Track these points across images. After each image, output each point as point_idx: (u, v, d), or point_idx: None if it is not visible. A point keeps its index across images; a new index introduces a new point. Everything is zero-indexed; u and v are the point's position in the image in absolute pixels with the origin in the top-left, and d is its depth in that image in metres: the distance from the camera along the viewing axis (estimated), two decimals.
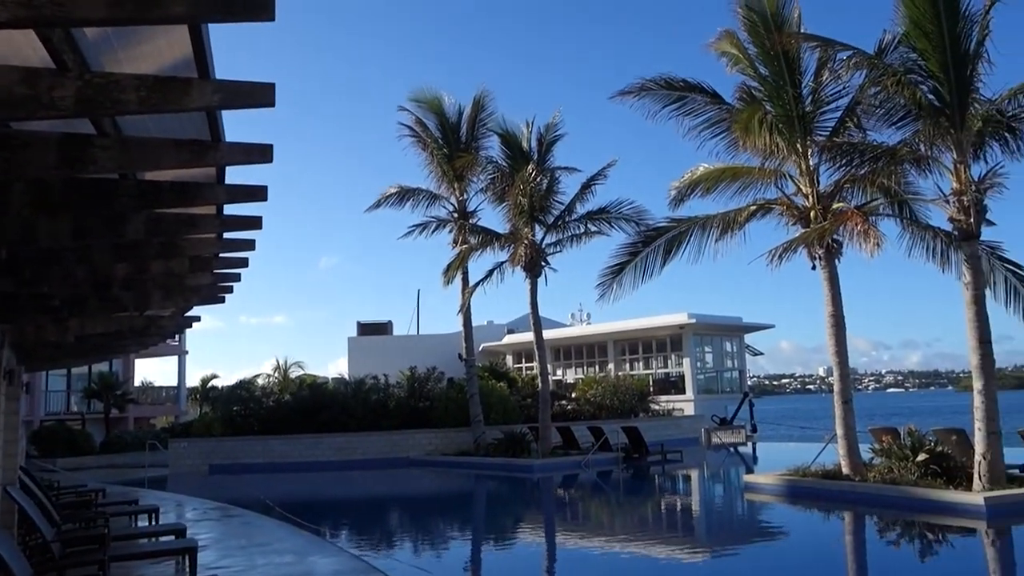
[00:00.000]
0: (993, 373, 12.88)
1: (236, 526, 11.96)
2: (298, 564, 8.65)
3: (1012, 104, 13.12)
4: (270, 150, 3.93)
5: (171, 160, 3.91)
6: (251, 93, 3.23)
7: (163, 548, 8.69)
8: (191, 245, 6.05)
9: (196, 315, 10.54)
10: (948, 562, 10.02)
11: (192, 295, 8.44)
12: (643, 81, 16.25)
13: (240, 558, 9.03)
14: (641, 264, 17.48)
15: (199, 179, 4.75)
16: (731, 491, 18.41)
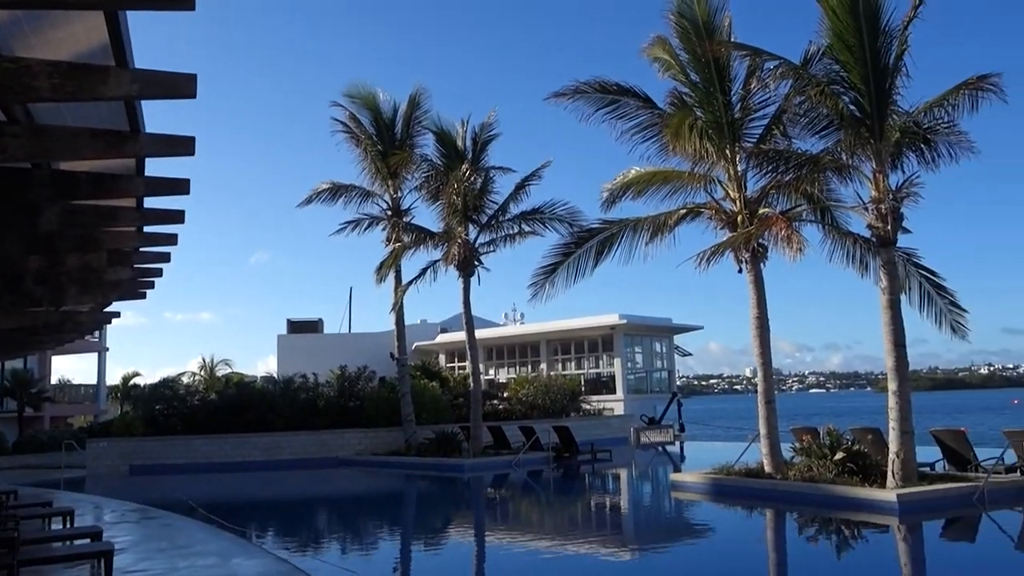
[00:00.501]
0: (907, 375, 13.41)
1: (156, 528, 11.62)
2: (221, 567, 8.46)
3: (928, 117, 13.66)
4: (192, 142, 3.84)
5: (87, 150, 3.78)
6: (172, 83, 3.15)
7: (77, 552, 8.39)
8: (110, 238, 5.86)
9: (116, 311, 10.24)
10: (862, 556, 10.38)
11: (111, 290, 8.17)
12: (577, 83, 16.42)
13: (160, 561, 8.78)
14: (574, 265, 17.64)
15: (118, 170, 4.61)
16: (658, 490, 18.72)
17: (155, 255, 6.66)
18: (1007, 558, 9.86)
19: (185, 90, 3.11)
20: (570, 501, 17.51)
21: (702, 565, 9.85)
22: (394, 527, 14.89)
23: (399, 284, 25.00)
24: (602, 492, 18.99)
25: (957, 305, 15.61)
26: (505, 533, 13.03)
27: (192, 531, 11.24)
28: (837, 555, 10.47)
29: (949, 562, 9.82)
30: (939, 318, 15.72)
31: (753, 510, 14.17)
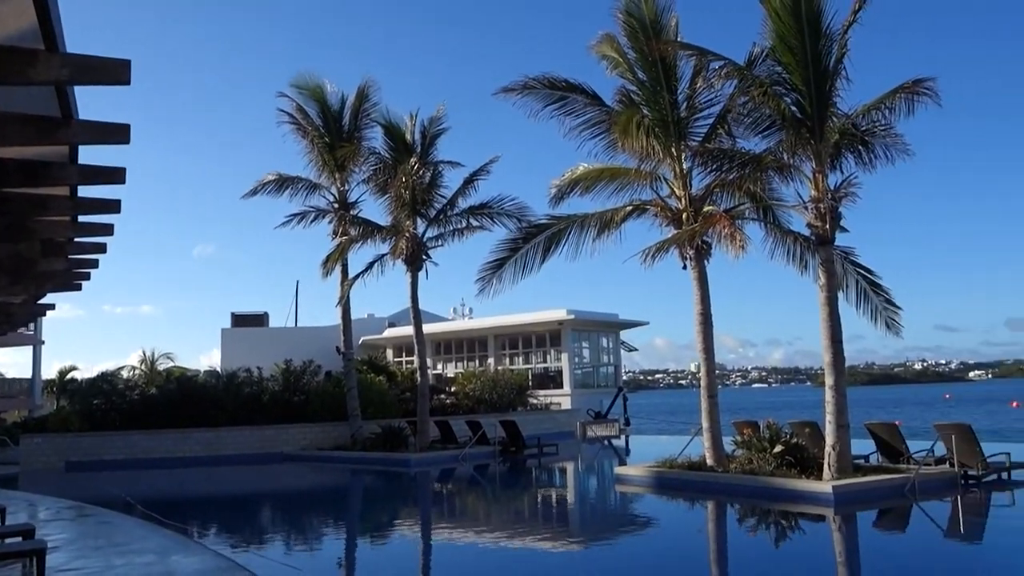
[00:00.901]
0: (843, 370, 13.79)
1: (92, 526, 11.35)
2: (159, 564, 8.30)
3: (866, 119, 14.04)
4: (127, 130, 3.75)
5: (16, 137, 3.67)
6: (105, 69, 3.07)
7: (7, 550, 8.14)
8: (42, 228, 5.69)
9: (51, 303, 9.93)
10: (799, 546, 10.64)
11: (45, 281, 7.94)
12: (526, 79, 16.46)
13: (95, 559, 8.58)
14: (521, 260, 17.71)
15: (50, 158, 4.47)
16: (603, 483, 18.92)
17: (91, 246, 6.48)
18: (936, 547, 10.21)
19: (119, 76, 3.04)
20: (516, 495, 17.59)
21: (643, 557, 9.99)
22: (339, 522, 14.78)
23: (346, 278, 24.76)
24: (548, 486, 19.12)
25: (892, 303, 16.07)
26: (451, 527, 13.04)
27: (130, 529, 11.00)
28: (775, 545, 10.71)
29: (881, 551, 10.13)
30: (875, 315, 16.16)
31: (695, 502, 14.42)
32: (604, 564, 9.66)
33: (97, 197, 5.15)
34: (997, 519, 12.13)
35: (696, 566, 9.45)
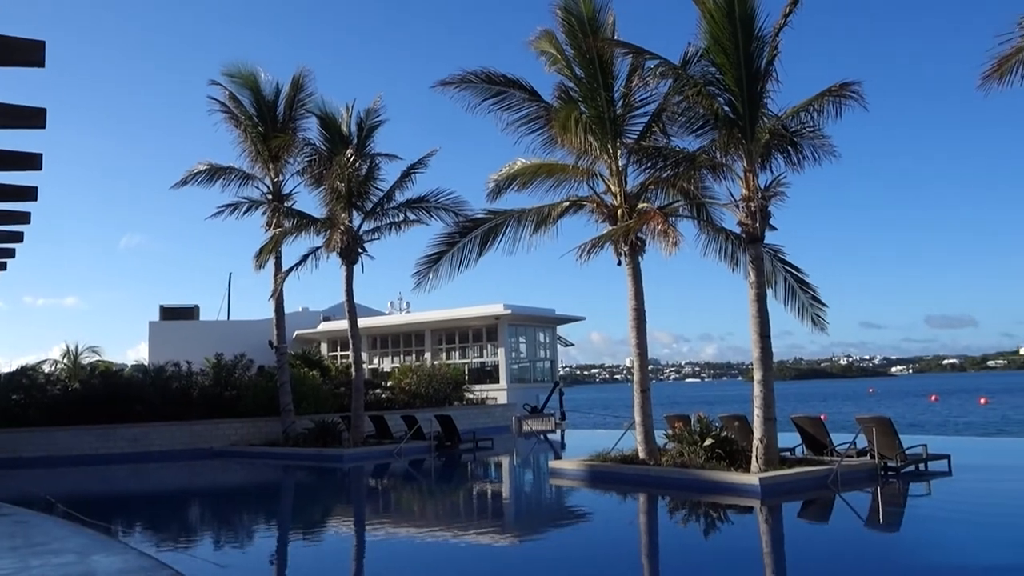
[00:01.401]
0: (771, 365, 14.14)
1: (9, 526, 10.90)
2: (78, 564, 8.02)
3: (795, 121, 14.40)
4: (43, 114, 3.58)
5: None
6: (16, 49, 2.93)
7: None
8: None
9: None
10: (726, 537, 10.89)
11: None
12: (464, 73, 16.40)
13: (10, 560, 8.25)
14: (458, 254, 17.68)
15: None
16: (538, 477, 19.04)
17: (6, 234, 6.22)
18: (856, 536, 10.56)
19: (32, 57, 2.90)
20: (450, 490, 17.57)
21: (575, 550, 10.09)
22: (270, 519, 14.53)
23: (279, 271, 24.35)
24: (482, 480, 19.14)
25: (818, 300, 16.55)
26: (385, 523, 12.95)
27: (49, 528, 10.61)
28: (704, 536, 10.94)
29: (804, 541, 10.44)
30: (802, 311, 16.63)
31: (627, 495, 14.62)
32: (536, 558, 9.73)
33: (12, 184, 4.94)
34: (913, 508, 12.61)
35: (627, 558, 9.58)
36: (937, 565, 8.45)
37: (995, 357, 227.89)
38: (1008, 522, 10.63)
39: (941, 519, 11.33)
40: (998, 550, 8.94)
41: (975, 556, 8.67)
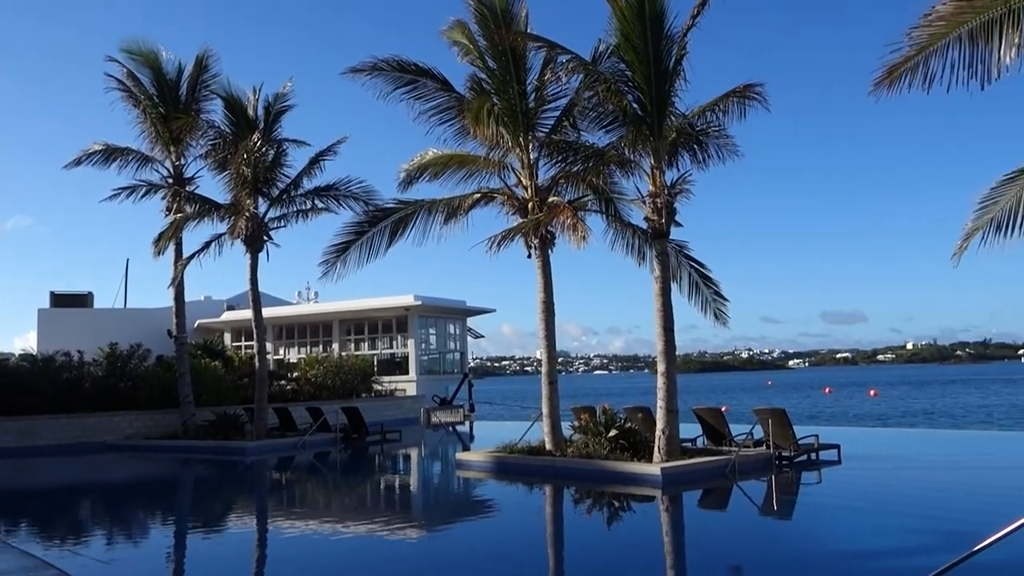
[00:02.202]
0: (674, 358, 14.47)
1: None
2: None
3: (701, 120, 14.75)
4: None
5: None
6: None
7: None
8: None
9: None
10: (629, 525, 11.12)
11: None
12: (375, 60, 16.17)
13: None
14: (367, 244, 17.44)
15: None
16: (445, 469, 19.00)
17: None
18: (751, 523, 10.94)
19: None
20: (355, 482, 17.35)
21: (479, 541, 10.10)
22: (166, 514, 14.01)
23: (179, 257, 23.49)
24: (388, 473, 18.98)
25: (720, 295, 17.02)
26: (287, 516, 12.67)
27: None
28: (607, 525, 11.13)
29: (702, 528, 10.75)
30: (705, 306, 17.07)
31: (533, 486, 14.74)
32: (440, 550, 9.69)
33: None
34: (805, 496, 13.15)
35: (531, 548, 9.65)
36: (826, 551, 8.82)
37: (884, 351, 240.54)
38: (891, 508, 11.19)
39: (830, 506, 11.85)
40: (883, 535, 9.40)
41: (861, 541, 9.08)
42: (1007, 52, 7.85)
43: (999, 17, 7.82)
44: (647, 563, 8.49)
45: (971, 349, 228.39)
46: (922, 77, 8.29)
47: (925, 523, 9.91)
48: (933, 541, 8.70)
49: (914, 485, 13.09)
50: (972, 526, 8.89)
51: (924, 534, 9.22)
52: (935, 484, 13.08)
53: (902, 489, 12.79)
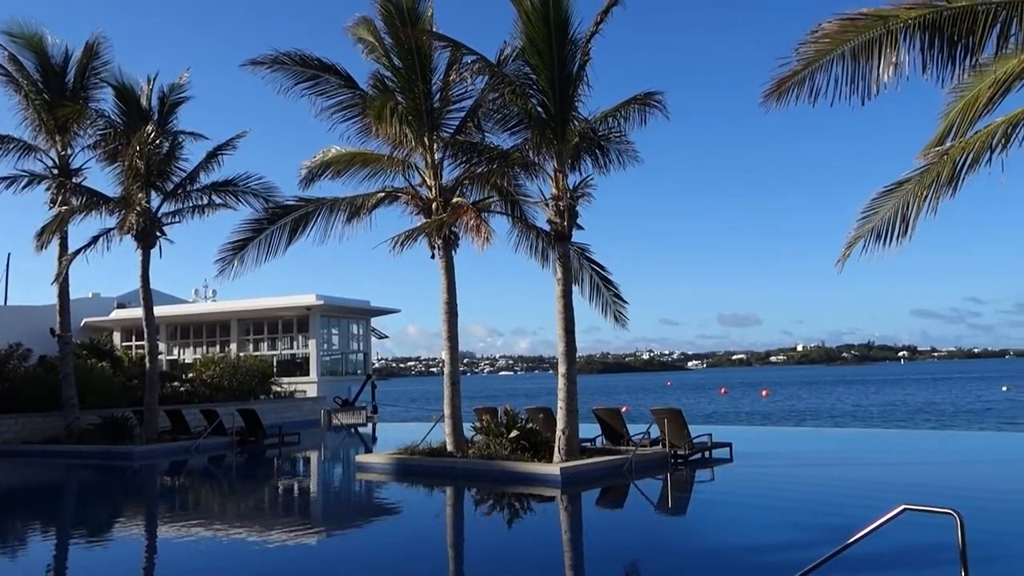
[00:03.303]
0: (575, 359, 14.69)
1: None
2: None
3: (603, 126, 15.03)
4: None
5: None
6: None
7: None
8: None
9: None
10: (528, 525, 11.21)
11: None
12: (277, 53, 15.79)
13: None
14: (266, 241, 17.04)
15: None
16: (345, 471, 18.71)
17: None
18: (646, 520, 11.22)
19: None
20: (251, 487, 16.88)
21: (377, 545, 9.99)
22: (46, 524, 13.26)
23: (64, 253, 22.32)
24: (285, 476, 18.55)
25: (620, 297, 17.39)
26: (177, 523, 12.20)
27: None
28: (507, 526, 11.18)
29: (599, 526, 10.95)
30: (605, 308, 17.41)
31: (434, 488, 14.68)
32: (337, 554, 9.54)
33: None
34: (698, 493, 13.56)
35: (430, 551, 9.60)
36: (716, 546, 9.12)
37: (777, 353, 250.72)
38: (778, 504, 11.66)
39: (721, 502, 12.26)
40: (769, 530, 9.79)
41: (749, 536, 9.44)
42: (885, 70, 8.30)
43: (878, 37, 8.26)
44: (545, 562, 8.58)
45: (856, 351, 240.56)
46: (808, 91, 8.68)
47: (808, 518, 10.37)
48: (814, 535, 9.11)
49: (799, 481, 13.67)
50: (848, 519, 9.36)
51: (806, 528, 9.65)
52: (818, 480, 13.70)
53: (787, 485, 13.34)
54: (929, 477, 14.01)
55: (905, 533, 7.73)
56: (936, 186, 9.44)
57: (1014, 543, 8.56)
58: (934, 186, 9.43)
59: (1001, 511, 10.38)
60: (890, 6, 8.35)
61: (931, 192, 9.44)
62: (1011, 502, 11.22)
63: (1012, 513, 10.43)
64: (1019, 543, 8.68)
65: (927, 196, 9.47)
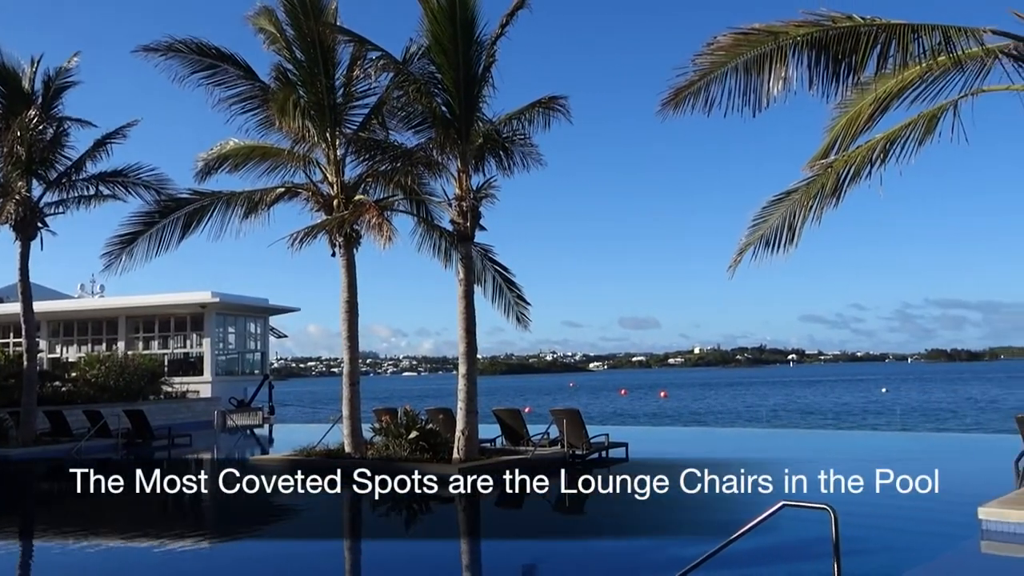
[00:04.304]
0: (475, 359, 14.73)
1: None
2: None
3: (507, 128, 15.11)
4: None
5: None
6: None
7: None
8: None
9: None
10: (426, 526, 11.15)
11: None
12: (171, 40, 15.24)
13: None
14: (157, 235, 16.46)
15: None
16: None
17: None
18: (541, 520, 11.34)
19: None
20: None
21: (266, 547, 9.76)
22: None
23: None
24: (173, 479, 17.83)
25: (523, 298, 17.49)
26: (53, 530, 11.58)
27: None
28: (405, 528, 11.10)
29: (495, 526, 10.99)
30: (508, 309, 17.47)
31: (331, 489, 14.38)
32: (221, 558, 9.26)
33: None
34: (593, 492, 13.74)
35: (322, 554, 9.43)
36: (610, 545, 9.30)
37: (675, 355, 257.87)
38: (667, 503, 11.94)
39: (614, 501, 12.46)
40: (659, 528, 10.05)
41: (640, 534, 9.66)
42: (775, 84, 8.65)
43: (769, 52, 8.59)
44: (439, 563, 8.56)
45: (749, 354, 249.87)
46: (703, 101, 8.96)
47: (695, 515, 10.69)
48: (700, 532, 9.39)
49: (689, 480, 14.01)
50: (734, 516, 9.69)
51: (693, 526, 9.96)
52: (707, 478, 14.10)
53: (677, 484, 13.68)
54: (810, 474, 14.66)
55: (785, 528, 8.07)
56: (821, 197, 9.92)
57: (883, 536, 9.07)
58: (819, 197, 9.91)
59: (872, 505, 10.98)
60: (781, 23, 8.71)
61: (816, 202, 9.91)
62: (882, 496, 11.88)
63: (882, 507, 11.05)
64: (887, 536, 9.20)
65: (812, 206, 9.94)
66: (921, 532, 9.51)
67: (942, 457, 17.10)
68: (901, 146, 9.56)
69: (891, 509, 11.23)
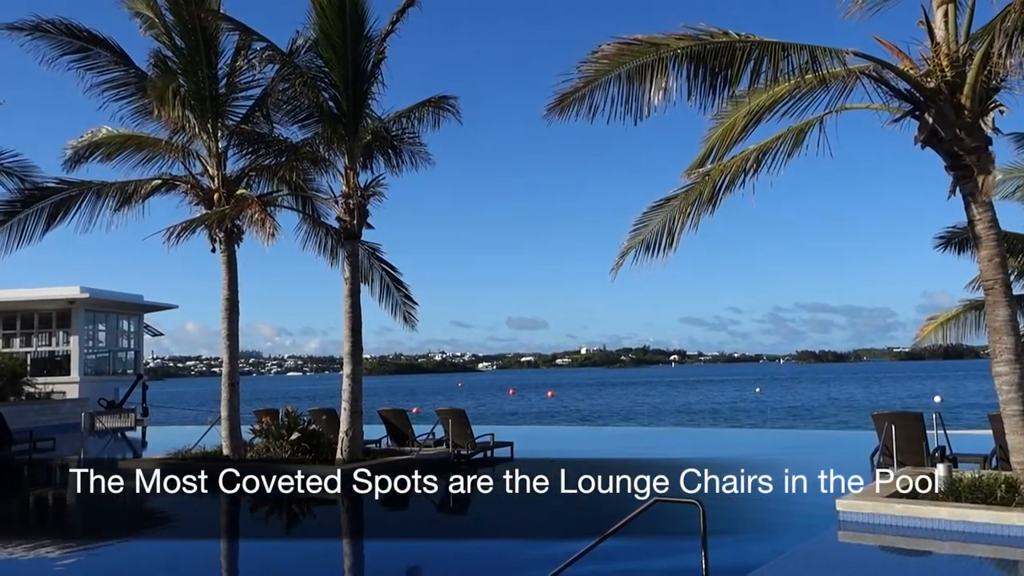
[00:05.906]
0: (361, 359, 14.56)
1: None
2: None
3: (396, 126, 15.00)
4: None
5: None
6: None
7: None
8: None
9: None
10: (305, 528, 10.95)
11: None
12: (38, 20, 14.34)
13: None
14: (19, 226, 15.46)
15: None
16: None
17: None
18: (425, 520, 11.34)
19: None
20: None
21: (136, 558, 9.36)
22: None
23: None
24: (33, 487, 16.84)
25: (411, 298, 17.41)
26: None
27: None
28: (285, 531, 10.85)
29: (378, 528, 10.90)
30: (395, 309, 17.36)
31: (203, 497, 13.90)
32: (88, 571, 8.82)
33: None
34: (477, 492, 13.83)
35: (198, 562, 9.12)
36: (494, 543, 9.39)
37: (562, 356, 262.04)
38: (548, 501, 12.15)
39: (495, 500, 12.58)
40: (539, 526, 10.22)
41: (520, 532, 9.81)
42: (656, 94, 8.95)
43: (651, 63, 8.89)
44: (317, 564, 8.43)
45: (633, 355, 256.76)
46: (588, 108, 9.18)
47: (576, 511, 10.92)
48: (579, 529, 9.61)
49: (569, 478, 14.31)
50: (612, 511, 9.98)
51: (572, 522, 10.18)
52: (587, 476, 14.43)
53: (558, 482, 13.95)
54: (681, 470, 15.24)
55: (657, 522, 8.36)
56: (698, 204, 10.35)
57: (749, 528, 9.55)
58: (696, 204, 10.33)
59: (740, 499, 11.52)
60: (663, 35, 9.02)
61: (694, 209, 10.34)
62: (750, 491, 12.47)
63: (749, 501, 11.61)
64: (753, 528, 9.69)
65: (690, 212, 10.36)
66: (786, 524, 10.04)
67: (805, 453, 18.13)
68: (772, 157, 10.12)
69: (758, 502, 11.83)
